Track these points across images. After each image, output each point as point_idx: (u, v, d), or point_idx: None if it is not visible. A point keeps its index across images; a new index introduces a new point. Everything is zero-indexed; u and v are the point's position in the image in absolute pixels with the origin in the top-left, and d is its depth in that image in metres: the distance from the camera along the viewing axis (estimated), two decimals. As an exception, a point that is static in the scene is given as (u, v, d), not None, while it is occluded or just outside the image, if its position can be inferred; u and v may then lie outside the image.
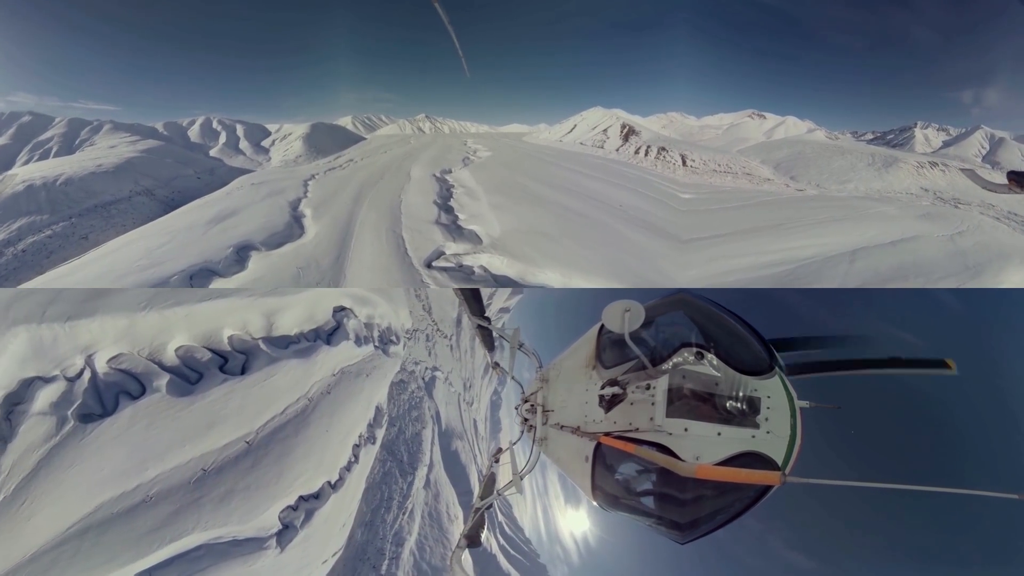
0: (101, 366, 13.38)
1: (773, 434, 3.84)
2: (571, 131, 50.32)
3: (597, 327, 4.83)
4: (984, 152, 43.06)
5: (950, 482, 3.62)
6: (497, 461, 6.30)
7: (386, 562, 17.67)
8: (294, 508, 14.84)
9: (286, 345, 16.30)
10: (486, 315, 6.16)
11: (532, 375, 5.61)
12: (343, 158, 40.59)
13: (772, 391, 3.97)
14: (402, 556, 18.36)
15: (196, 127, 44.98)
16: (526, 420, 5.25)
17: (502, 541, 30.03)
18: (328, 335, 17.68)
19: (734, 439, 3.81)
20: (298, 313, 17.02)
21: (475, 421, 35.23)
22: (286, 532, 14.44)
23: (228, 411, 14.28)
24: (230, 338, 15.34)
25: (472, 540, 6.23)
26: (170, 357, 14.22)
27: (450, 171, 34.09)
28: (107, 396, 13.17)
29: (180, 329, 14.51)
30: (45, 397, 12.60)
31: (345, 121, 56.11)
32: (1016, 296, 18.54)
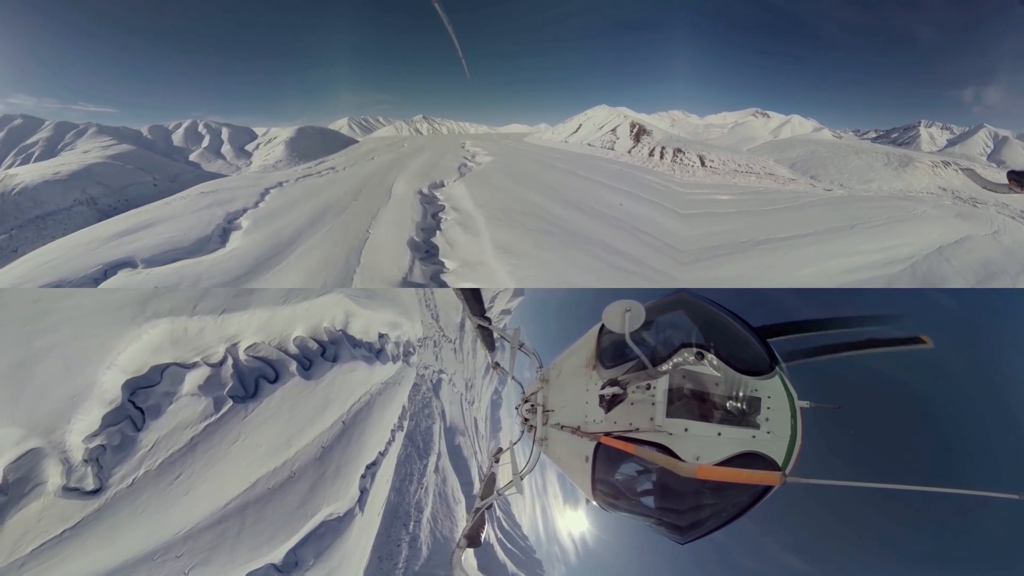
0: (240, 354, 15.14)
1: (773, 434, 3.84)
2: (576, 131, 48.76)
3: (597, 327, 4.82)
4: (989, 150, 43.03)
5: (950, 482, 3.63)
6: (497, 461, 6.30)
7: (412, 523, 21.07)
8: (363, 475, 17.38)
9: (355, 345, 18.90)
10: (487, 316, 6.16)
11: (533, 375, 5.61)
12: (325, 164, 37.34)
13: (772, 391, 3.97)
14: (422, 521, 21.70)
15: (181, 131, 43.59)
16: (526, 420, 5.25)
17: (499, 534, 31.31)
18: (376, 353, 20.18)
19: (734, 439, 3.81)
20: (363, 322, 19.53)
21: (475, 420, 36.54)
22: (363, 496, 16.98)
23: (332, 394, 16.54)
24: (325, 330, 17.69)
25: (472, 540, 6.24)
26: (291, 346, 16.38)
27: (442, 185, 28.44)
28: (248, 380, 14.98)
29: (300, 321, 16.65)
30: (192, 380, 13.96)
31: (341, 124, 54.88)
32: (1016, 296, 18.53)
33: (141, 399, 13.07)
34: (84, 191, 27.47)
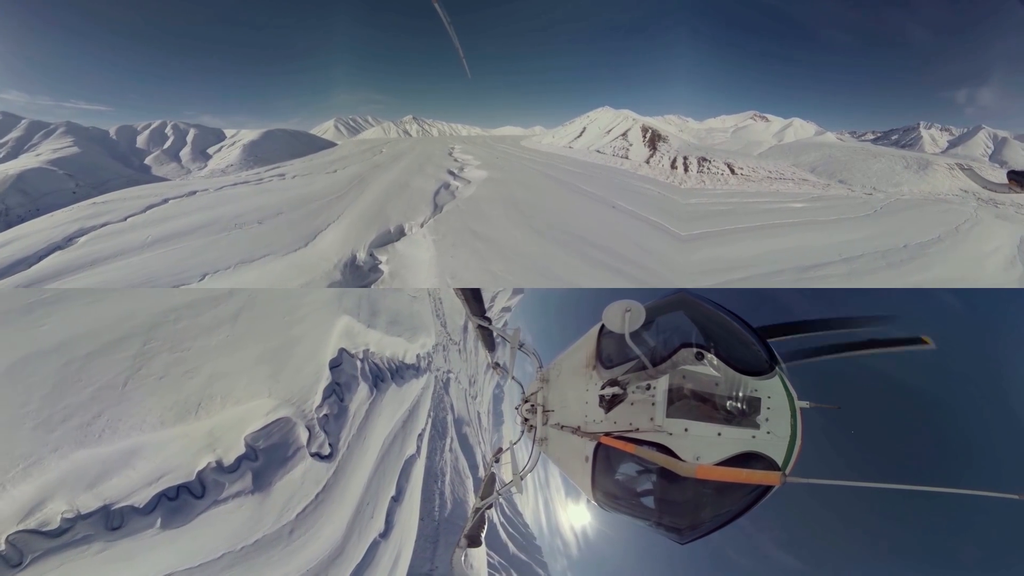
0: (367, 355, 19.21)
1: (773, 434, 3.85)
2: (580, 135, 45.35)
3: (597, 327, 4.81)
4: (990, 152, 42.97)
5: (950, 482, 3.63)
6: (497, 461, 6.30)
7: (439, 482, 27.63)
8: (417, 438, 23.76)
9: (407, 367, 24.30)
10: (487, 316, 6.15)
11: (533, 375, 5.61)
12: (276, 171, 32.88)
13: (772, 391, 3.97)
14: (445, 483, 27.89)
15: (147, 132, 42.09)
16: (526, 420, 5.25)
17: (502, 519, 35.79)
18: (417, 370, 25.73)
19: (734, 439, 3.81)
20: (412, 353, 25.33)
21: (479, 413, 39.76)
22: (419, 448, 23.29)
23: (406, 395, 22.06)
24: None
25: (472, 540, 6.22)
26: (382, 359, 20.92)
27: (401, 234, 19.23)
28: (369, 376, 18.81)
29: (389, 345, 21.34)
30: (358, 367, 17.68)
31: (327, 125, 52.84)
32: (1016, 296, 18.54)
33: (335, 376, 16.35)
34: (2, 201, 26.67)
